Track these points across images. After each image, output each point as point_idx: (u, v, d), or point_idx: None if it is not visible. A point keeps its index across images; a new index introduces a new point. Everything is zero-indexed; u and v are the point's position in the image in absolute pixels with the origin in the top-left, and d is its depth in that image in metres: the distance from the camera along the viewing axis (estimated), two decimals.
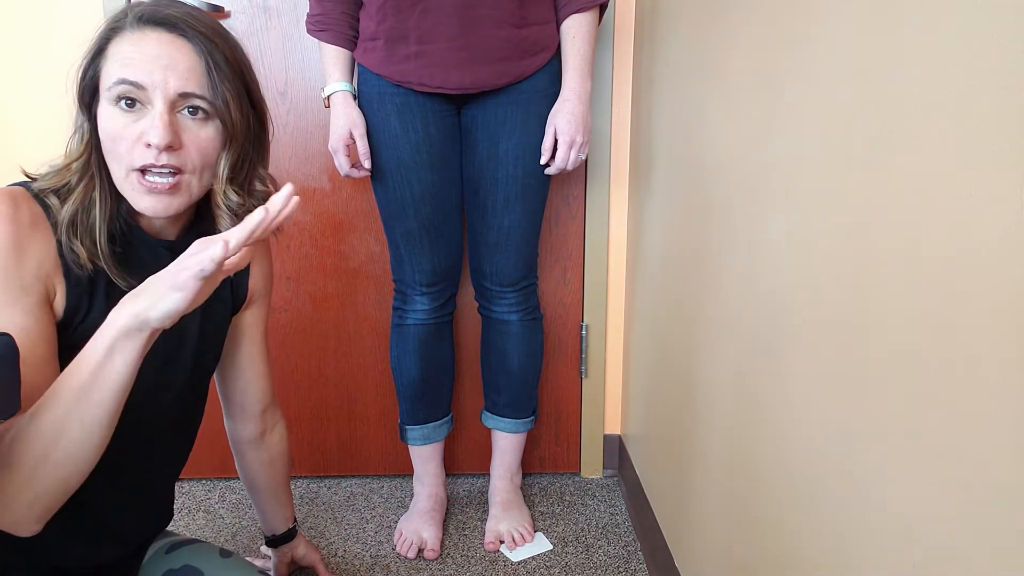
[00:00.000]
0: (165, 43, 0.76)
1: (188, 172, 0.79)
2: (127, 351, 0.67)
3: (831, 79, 0.66)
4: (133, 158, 0.76)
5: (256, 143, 0.86)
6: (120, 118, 0.76)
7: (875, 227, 0.58)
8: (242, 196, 0.84)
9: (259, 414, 1.12)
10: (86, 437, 0.67)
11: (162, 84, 0.75)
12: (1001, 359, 0.43)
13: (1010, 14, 0.42)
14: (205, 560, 1.03)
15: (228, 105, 0.79)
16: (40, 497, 0.67)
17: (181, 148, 0.77)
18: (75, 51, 0.81)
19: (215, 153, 0.81)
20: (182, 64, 0.76)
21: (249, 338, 1.07)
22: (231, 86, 0.79)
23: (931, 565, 0.50)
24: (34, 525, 0.68)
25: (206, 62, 0.77)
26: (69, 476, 0.68)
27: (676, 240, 1.21)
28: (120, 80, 0.75)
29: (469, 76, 1.25)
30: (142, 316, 0.66)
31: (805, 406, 0.71)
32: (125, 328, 0.66)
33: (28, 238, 0.74)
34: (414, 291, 1.43)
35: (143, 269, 0.80)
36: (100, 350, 0.66)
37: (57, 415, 0.66)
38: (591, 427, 1.77)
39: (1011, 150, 0.42)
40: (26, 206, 0.75)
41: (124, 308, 0.67)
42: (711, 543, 1.01)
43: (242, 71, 0.82)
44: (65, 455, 0.67)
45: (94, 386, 0.66)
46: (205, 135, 0.79)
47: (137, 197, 0.77)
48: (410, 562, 1.41)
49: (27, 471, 0.66)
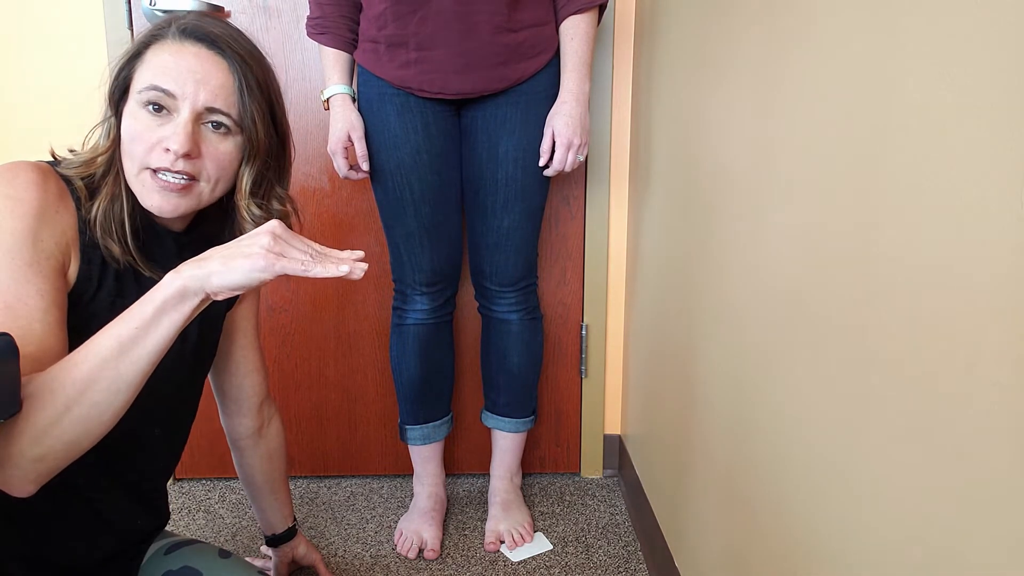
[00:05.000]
0: (203, 58, 0.79)
1: (202, 181, 0.82)
2: (176, 313, 0.68)
3: (831, 79, 0.66)
4: (149, 159, 0.78)
5: (276, 164, 0.90)
6: (145, 120, 0.78)
7: (875, 227, 0.58)
8: (263, 210, 0.88)
9: (255, 408, 1.14)
10: (111, 396, 0.68)
11: (192, 96, 0.78)
12: (1001, 359, 0.43)
13: (1010, 14, 0.42)
14: (204, 561, 1.03)
15: (255, 123, 0.82)
16: (48, 454, 0.67)
17: (199, 158, 0.80)
18: (75, 51, 0.82)
19: (231, 167, 0.84)
20: (214, 81, 0.79)
21: (243, 332, 1.10)
22: (259, 107, 0.83)
23: (931, 565, 0.50)
24: (31, 485, 0.68)
25: (239, 82, 0.81)
26: (81, 436, 0.68)
27: (676, 240, 1.21)
28: (152, 86, 0.78)
29: (468, 82, 1.26)
30: (203, 280, 0.67)
31: (805, 406, 0.71)
32: (183, 289, 0.68)
33: (54, 207, 0.77)
34: (414, 291, 1.43)
35: (156, 258, 0.85)
36: (150, 308, 0.68)
37: (89, 368, 0.66)
38: (591, 427, 1.77)
39: (1011, 150, 0.42)
40: (53, 179, 0.78)
41: (185, 270, 0.68)
42: (711, 543, 1.01)
43: (271, 95, 0.86)
44: (87, 411, 0.67)
45: (135, 343, 0.67)
46: (224, 148, 0.82)
47: (146, 194, 0.80)
48: (410, 562, 1.41)
49: (44, 424, 0.66)
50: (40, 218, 0.75)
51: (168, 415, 0.96)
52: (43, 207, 0.75)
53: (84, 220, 0.79)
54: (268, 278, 0.67)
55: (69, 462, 0.70)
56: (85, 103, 1.55)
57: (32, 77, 1.54)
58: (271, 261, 0.67)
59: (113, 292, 0.82)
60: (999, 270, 0.43)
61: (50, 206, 0.76)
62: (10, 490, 0.68)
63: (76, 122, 1.55)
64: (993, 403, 0.44)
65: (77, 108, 1.55)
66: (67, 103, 1.55)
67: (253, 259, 0.67)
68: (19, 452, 0.66)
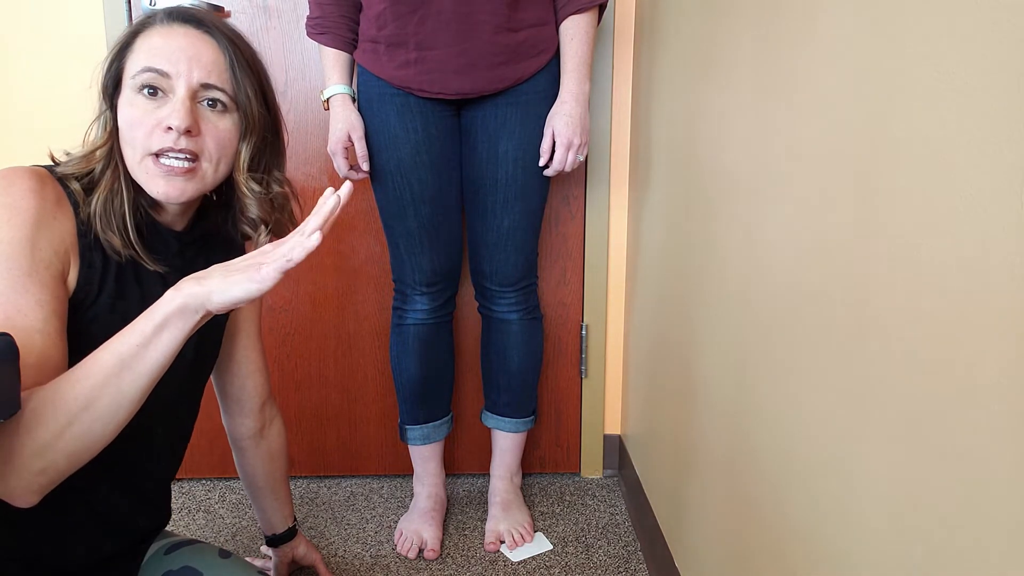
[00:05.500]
0: (192, 37, 0.81)
1: (204, 160, 0.82)
2: (176, 329, 0.68)
3: (831, 79, 0.66)
4: (151, 143, 0.78)
5: (272, 142, 0.90)
6: (141, 105, 0.79)
7: (875, 227, 0.58)
8: (262, 185, 0.88)
9: (257, 409, 1.14)
10: (113, 411, 0.68)
11: (186, 73, 0.79)
12: (1001, 358, 0.43)
13: (1010, 14, 0.42)
14: (204, 561, 1.03)
15: (249, 99, 0.83)
16: (50, 466, 0.67)
17: (199, 135, 0.81)
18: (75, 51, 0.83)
19: (231, 145, 0.84)
20: (206, 57, 0.80)
21: (245, 333, 1.10)
22: (251, 83, 0.84)
23: (932, 565, 0.50)
24: (33, 496, 0.68)
25: (229, 58, 0.82)
26: (84, 449, 0.68)
27: (676, 240, 1.21)
28: (146, 67, 0.78)
29: (468, 82, 1.26)
30: (204, 298, 0.67)
31: (805, 406, 0.71)
32: (183, 306, 0.68)
33: (51, 214, 0.76)
34: (414, 291, 1.43)
35: (159, 257, 0.85)
36: (150, 325, 0.68)
37: (91, 385, 0.67)
38: (591, 427, 1.77)
39: (1011, 150, 0.42)
40: (51, 184, 0.78)
41: (185, 288, 0.68)
42: (711, 543, 1.01)
43: (260, 74, 0.87)
44: (88, 426, 0.67)
45: (136, 360, 0.68)
46: (223, 126, 0.83)
47: (151, 181, 0.80)
48: (410, 562, 1.41)
49: (47, 437, 0.66)
50: (38, 226, 0.74)
51: (170, 416, 0.96)
52: (41, 215, 0.75)
53: (83, 221, 0.79)
54: (264, 288, 0.67)
55: (71, 473, 0.70)
56: (85, 103, 1.55)
57: (32, 77, 1.54)
58: (262, 271, 0.67)
59: (114, 294, 0.82)
60: (999, 270, 0.43)
61: (48, 213, 0.76)
62: (13, 501, 0.68)
63: (76, 122, 1.54)
64: (993, 402, 0.44)
65: (77, 108, 1.55)
66: (67, 103, 1.55)
67: (248, 273, 0.67)
68: (22, 465, 0.66)
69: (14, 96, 1.55)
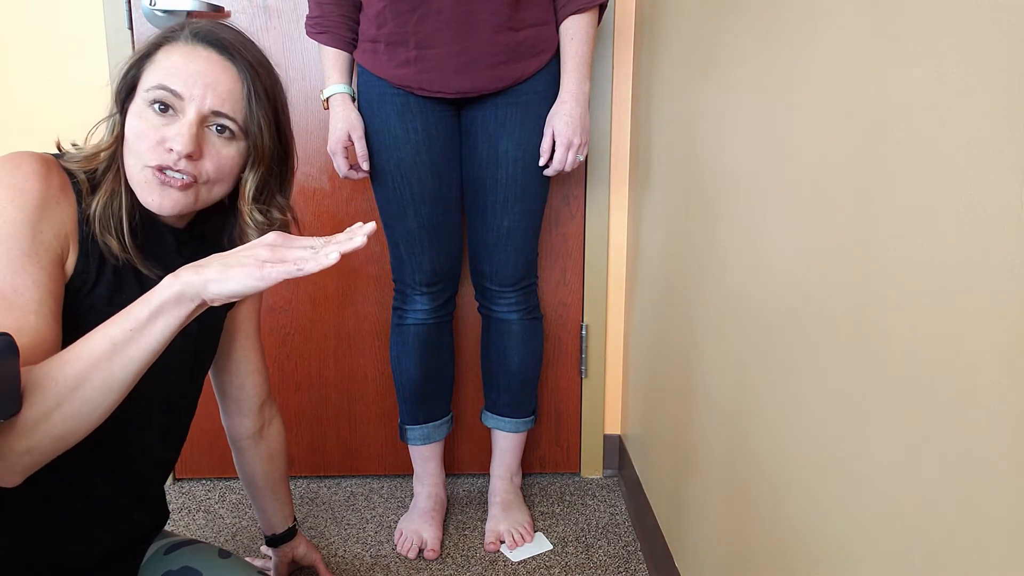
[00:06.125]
0: (213, 63, 0.81)
1: (201, 182, 0.82)
2: (171, 316, 0.68)
3: (831, 79, 0.65)
4: (152, 157, 0.79)
5: (279, 171, 0.91)
6: (150, 119, 0.79)
7: (875, 227, 0.58)
8: (264, 216, 0.89)
9: (256, 409, 1.14)
10: (103, 395, 0.68)
11: (199, 98, 0.79)
12: (1001, 358, 0.43)
13: (1010, 14, 0.42)
14: (204, 561, 1.03)
15: (260, 130, 0.84)
16: (35, 448, 0.67)
17: (200, 159, 0.81)
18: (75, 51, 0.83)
19: (231, 171, 0.85)
20: (223, 86, 0.81)
21: (244, 332, 1.10)
22: (265, 115, 0.84)
23: (932, 565, 0.50)
24: (17, 477, 0.68)
25: (247, 88, 0.82)
26: (71, 431, 0.68)
27: (676, 240, 1.21)
28: (161, 85, 0.79)
29: (468, 81, 1.26)
30: (200, 287, 0.67)
31: (805, 406, 0.71)
32: (179, 294, 0.68)
33: (55, 199, 0.77)
34: (414, 291, 1.43)
35: (155, 254, 0.86)
36: (145, 311, 0.68)
37: (82, 366, 0.67)
38: (591, 427, 1.77)
39: (1011, 150, 0.42)
40: (56, 171, 0.79)
41: (183, 276, 0.68)
42: (711, 543, 1.01)
43: (277, 105, 0.88)
44: (76, 409, 0.67)
45: (129, 344, 0.68)
46: (226, 152, 0.83)
47: (147, 191, 0.80)
48: (410, 562, 1.41)
49: (34, 419, 0.66)
50: (41, 209, 0.75)
51: (167, 413, 0.96)
52: (45, 198, 0.76)
53: (84, 214, 0.80)
54: (263, 286, 0.67)
55: (57, 455, 0.70)
56: (85, 103, 1.55)
57: (32, 77, 1.54)
58: (266, 271, 0.67)
59: (111, 287, 0.82)
60: (999, 270, 0.43)
61: (51, 197, 0.77)
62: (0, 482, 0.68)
63: (75, 122, 1.55)
64: (993, 402, 0.44)
65: (76, 108, 1.55)
66: (67, 103, 1.55)
67: (249, 268, 0.67)
68: (7, 445, 0.66)
69: (14, 96, 1.55)
